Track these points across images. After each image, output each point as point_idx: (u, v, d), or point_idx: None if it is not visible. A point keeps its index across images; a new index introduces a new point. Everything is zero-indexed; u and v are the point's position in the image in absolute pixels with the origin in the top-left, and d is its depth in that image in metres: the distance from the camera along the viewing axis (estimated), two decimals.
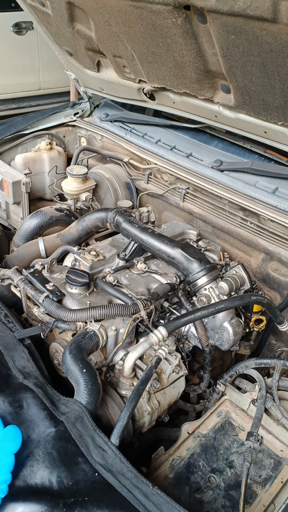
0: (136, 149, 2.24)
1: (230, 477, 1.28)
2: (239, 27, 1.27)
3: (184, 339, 1.63)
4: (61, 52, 2.33)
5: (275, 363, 1.46)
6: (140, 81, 2.01)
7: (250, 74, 1.42)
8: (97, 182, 2.29)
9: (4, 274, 1.62)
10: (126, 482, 0.96)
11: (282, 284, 1.78)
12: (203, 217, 2.00)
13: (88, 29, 1.93)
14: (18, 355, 1.27)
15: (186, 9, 1.36)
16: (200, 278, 1.58)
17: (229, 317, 1.55)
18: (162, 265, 1.73)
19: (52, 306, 1.41)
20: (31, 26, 4.79)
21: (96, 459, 1.00)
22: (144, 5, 1.46)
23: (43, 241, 1.88)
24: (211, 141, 2.23)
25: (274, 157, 2.02)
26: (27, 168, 2.31)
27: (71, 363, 1.23)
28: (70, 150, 2.70)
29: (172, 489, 1.23)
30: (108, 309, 1.38)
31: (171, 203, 2.15)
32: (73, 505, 0.91)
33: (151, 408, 1.34)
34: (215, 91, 1.68)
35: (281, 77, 1.35)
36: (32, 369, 1.23)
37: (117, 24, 1.69)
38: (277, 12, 1.13)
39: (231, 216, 1.88)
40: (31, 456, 1.00)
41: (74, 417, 1.09)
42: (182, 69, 1.66)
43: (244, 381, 1.55)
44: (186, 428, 1.40)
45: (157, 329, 1.31)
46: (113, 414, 1.28)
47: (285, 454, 1.34)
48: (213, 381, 1.63)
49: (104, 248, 1.76)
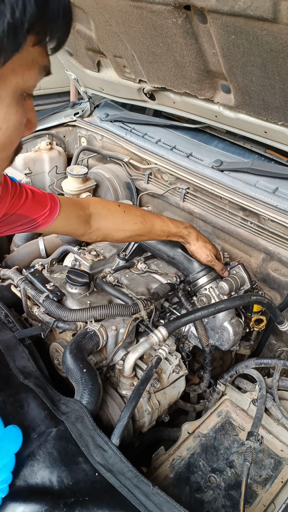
0: (136, 149, 2.24)
1: (231, 477, 1.28)
2: (239, 27, 1.27)
3: (184, 339, 1.63)
4: (61, 52, 2.33)
5: (275, 363, 1.46)
6: (140, 81, 2.01)
7: (250, 74, 1.42)
8: (97, 182, 2.29)
9: (4, 274, 1.62)
10: (127, 482, 0.96)
11: (282, 284, 1.78)
12: (203, 217, 2.00)
13: (88, 29, 1.93)
14: (18, 355, 1.27)
15: (186, 9, 1.36)
16: (200, 278, 1.58)
17: (229, 317, 1.55)
18: (162, 265, 1.74)
19: (52, 306, 1.41)
20: None
21: (97, 459, 1.01)
22: (144, 5, 1.46)
23: (43, 241, 1.88)
24: (211, 141, 2.23)
25: (274, 157, 2.02)
26: (27, 168, 2.31)
27: (71, 363, 1.23)
28: (70, 150, 2.70)
29: (172, 489, 1.23)
30: (108, 309, 1.38)
31: (171, 203, 2.15)
32: (74, 505, 0.91)
33: (151, 408, 1.34)
34: (215, 91, 1.68)
35: (281, 77, 1.35)
36: (33, 369, 1.23)
37: (117, 24, 1.69)
38: (278, 12, 1.13)
39: (231, 216, 1.88)
40: (32, 456, 1.00)
41: (74, 417, 1.09)
42: (182, 69, 1.66)
43: (244, 381, 1.55)
44: (186, 428, 1.40)
45: (157, 329, 1.31)
46: (113, 414, 1.28)
47: (285, 454, 1.34)
48: (213, 381, 1.63)
49: (104, 248, 1.76)
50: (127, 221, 1.39)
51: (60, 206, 1.22)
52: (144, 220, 1.41)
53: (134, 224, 1.39)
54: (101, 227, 1.36)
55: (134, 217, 1.40)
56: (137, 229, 1.41)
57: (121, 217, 1.38)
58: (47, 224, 1.21)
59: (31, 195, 1.15)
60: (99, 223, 1.35)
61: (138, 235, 1.44)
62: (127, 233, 1.41)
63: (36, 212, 1.17)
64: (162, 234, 1.48)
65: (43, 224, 1.20)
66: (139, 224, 1.40)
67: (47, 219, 1.20)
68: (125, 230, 1.40)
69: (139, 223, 1.40)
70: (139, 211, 1.44)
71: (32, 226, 1.20)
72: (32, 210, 1.16)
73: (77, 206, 1.30)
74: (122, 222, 1.39)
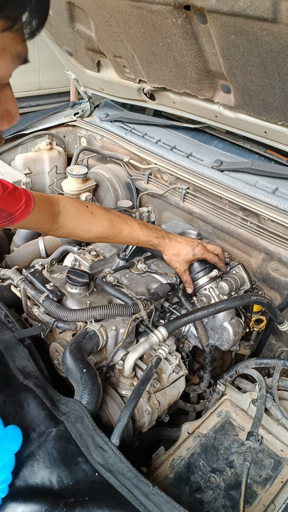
0: (136, 149, 2.24)
1: (230, 477, 1.28)
2: (239, 27, 1.27)
3: (184, 339, 1.63)
4: (61, 52, 2.33)
5: (275, 363, 1.46)
6: (140, 81, 2.02)
7: (250, 74, 1.42)
8: (97, 182, 2.29)
9: (4, 274, 1.62)
10: (127, 482, 0.96)
11: (282, 284, 1.78)
12: (203, 217, 2.00)
13: (88, 29, 1.93)
14: (18, 355, 1.27)
15: (186, 9, 1.36)
16: (200, 278, 1.58)
17: (229, 317, 1.55)
18: (162, 265, 1.74)
19: (52, 306, 1.41)
20: None
21: (97, 459, 1.01)
22: (144, 5, 1.46)
23: (43, 241, 1.88)
24: (211, 141, 2.23)
25: (274, 157, 2.02)
26: (27, 168, 2.31)
27: (71, 363, 1.23)
28: (70, 150, 2.70)
29: (172, 489, 1.23)
30: (108, 309, 1.38)
31: (171, 203, 2.15)
32: (74, 505, 0.91)
33: (151, 408, 1.34)
34: (215, 91, 1.68)
35: (281, 77, 1.35)
36: (33, 369, 1.23)
37: (117, 24, 1.69)
38: (277, 12, 1.13)
39: (231, 216, 1.88)
40: (32, 456, 1.00)
41: (74, 417, 1.09)
42: (182, 69, 1.66)
43: (244, 381, 1.55)
44: (186, 428, 1.40)
45: (157, 329, 1.31)
46: (113, 414, 1.28)
47: (285, 454, 1.34)
48: (213, 381, 1.63)
49: (104, 248, 1.76)
50: (93, 223, 1.42)
51: (34, 200, 1.25)
52: (111, 224, 1.44)
53: (100, 227, 1.42)
54: (67, 225, 1.38)
55: (101, 220, 1.43)
56: (102, 232, 1.43)
57: (88, 218, 1.41)
58: (23, 217, 1.23)
59: (8, 189, 1.18)
60: (65, 221, 1.37)
61: (104, 237, 1.47)
62: (93, 234, 1.44)
63: (13, 206, 1.19)
64: (131, 241, 1.51)
65: (19, 217, 1.22)
66: (105, 228, 1.43)
67: (23, 212, 1.22)
68: (90, 231, 1.43)
69: (106, 226, 1.43)
70: (108, 214, 1.45)
71: (10, 220, 1.21)
72: (10, 203, 1.18)
73: (48, 202, 1.33)
74: (88, 223, 1.41)
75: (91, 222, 1.41)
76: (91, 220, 1.41)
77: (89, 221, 1.41)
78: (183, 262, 1.55)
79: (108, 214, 1.46)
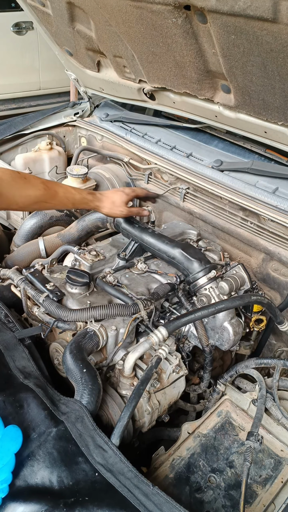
0: (136, 149, 2.24)
1: (230, 477, 1.28)
2: (239, 27, 1.27)
3: (184, 339, 1.63)
4: (61, 52, 2.33)
5: (275, 363, 1.46)
6: (140, 81, 2.02)
7: (250, 74, 1.42)
8: (97, 182, 2.29)
9: (4, 274, 1.62)
10: (127, 482, 0.96)
11: (282, 284, 1.78)
12: (203, 217, 2.00)
13: (88, 29, 1.93)
14: (18, 355, 1.27)
15: (186, 9, 1.36)
16: (200, 278, 1.58)
17: (229, 317, 1.55)
18: (162, 265, 1.74)
19: (52, 306, 1.41)
20: (31, 26, 4.79)
21: (97, 459, 1.01)
22: (144, 5, 1.46)
23: (43, 241, 1.88)
24: (211, 141, 2.23)
25: (274, 157, 2.02)
26: (27, 168, 2.31)
27: (71, 363, 1.23)
28: (70, 150, 2.70)
29: (172, 489, 1.23)
30: (109, 309, 1.38)
31: (171, 203, 2.15)
32: (74, 505, 0.91)
33: (151, 408, 1.34)
34: (215, 91, 1.68)
35: (281, 77, 1.35)
36: (33, 369, 1.23)
37: (117, 24, 1.69)
38: (277, 12, 1.13)
39: (231, 216, 1.88)
40: (32, 456, 1.00)
41: (74, 417, 1.09)
42: (182, 69, 1.66)
43: (244, 381, 1.55)
44: (186, 428, 1.40)
45: (157, 329, 1.31)
46: (113, 414, 1.28)
47: (285, 454, 1.34)
48: (213, 381, 1.63)
49: (104, 248, 1.76)
50: (29, 187, 1.43)
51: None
52: (46, 186, 1.47)
53: (37, 190, 1.44)
54: (4, 193, 1.38)
55: (36, 183, 1.45)
56: (40, 195, 1.45)
57: (23, 183, 1.43)
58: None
59: None
60: (2, 189, 1.37)
61: (42, 201, 1.48)
62: (31, 199, 1.45)
63: None
64: (67, 202, 1.56)
65: None
66: (42, 190, 1.45)
67: None
68: (28, 196, 1.44)
69: (42, 189, 1.45)
70: (41, 179, 1.49)
71: None
72: None
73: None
74: (24, 188, 1.43)
75: (27, 186, 1.43)
76: (27, 185, 1.43)
77: (24, 185, 1.43)
78: (122, 205, 1.69)
79: (41, 179, 1.50)
